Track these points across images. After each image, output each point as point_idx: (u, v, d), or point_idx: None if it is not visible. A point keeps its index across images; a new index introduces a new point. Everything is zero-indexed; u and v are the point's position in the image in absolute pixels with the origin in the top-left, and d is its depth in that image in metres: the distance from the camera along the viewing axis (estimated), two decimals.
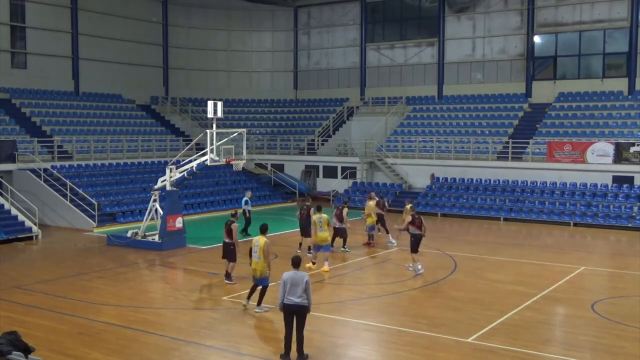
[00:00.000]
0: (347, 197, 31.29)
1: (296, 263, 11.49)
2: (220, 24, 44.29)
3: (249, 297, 14.66)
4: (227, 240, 17.35)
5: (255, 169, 37.93)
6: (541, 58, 37.78)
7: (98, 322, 13.70)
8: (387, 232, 23.58)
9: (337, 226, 21.40)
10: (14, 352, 8.36)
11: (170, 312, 14.81)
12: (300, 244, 21.54)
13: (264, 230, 14.79)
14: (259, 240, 14.36)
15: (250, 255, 14.56)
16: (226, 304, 15.29)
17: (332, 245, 21.37)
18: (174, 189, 22.98)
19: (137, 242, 22.37)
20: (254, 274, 14.42)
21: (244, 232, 24.59)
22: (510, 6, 37.73)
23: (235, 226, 17.44)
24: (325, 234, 19.01)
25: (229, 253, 17.25)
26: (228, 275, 17.30)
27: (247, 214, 24.98)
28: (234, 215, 17.96)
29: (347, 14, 43.03)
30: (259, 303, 14.40)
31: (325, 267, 18.62)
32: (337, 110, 41.60)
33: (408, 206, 20.84)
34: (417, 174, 34.44)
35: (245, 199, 25.29)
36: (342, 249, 21.81)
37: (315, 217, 19.22)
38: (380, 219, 23.62)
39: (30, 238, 24.11)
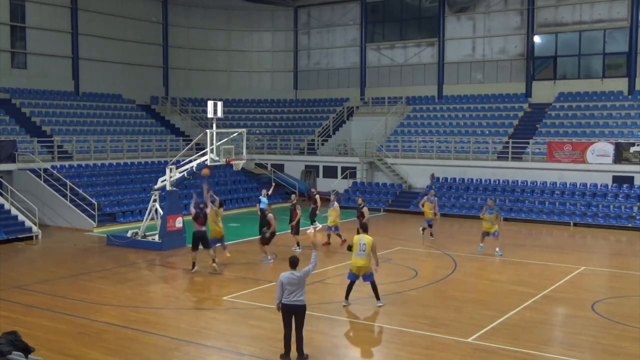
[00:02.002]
0: (363, 196, 30.54)
1: (293, 263, 11.49)
2: (220, 24, 44.29)
3: (347, 297, 14.85)
4: (203, 229, 18.38)
5: (255, 169, 37.92)
6: (541, 58, 37.79)
7: (98, 322, 13.70)
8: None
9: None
10: (14, 352, 8.35)
11: (170, 312, 14.80)
12: (298, 243, 21.66)
13: (366, 228, 15.19)
14: (364, 238, 14.61)
15: (349, 250, 15.13)
16: (226, 304, 15.30)
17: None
18: (174, 189, 22.98)
19: (137, 242, 22.36)
20: (357, 272, 14.57)
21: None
22: (510, 6, 37.74)
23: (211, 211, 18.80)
24: (222, 228, 19.42)
25: (206, 240, 18.36)
26: (213, 261, 18.43)
27: (260, 213, 24.94)
28: (203, 208, 18.81)
29: (347, 14, 43.03)
30: (378, 297, 14.83)
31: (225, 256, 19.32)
32: (337, 110, 41.60)
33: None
34: (417, 174, 34.45)
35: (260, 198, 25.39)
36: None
37: (213, 210, 19.45)
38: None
39: (30, 238, 24.11)
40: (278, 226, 21.63)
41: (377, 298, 14.82)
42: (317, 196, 25.89)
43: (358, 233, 15.44)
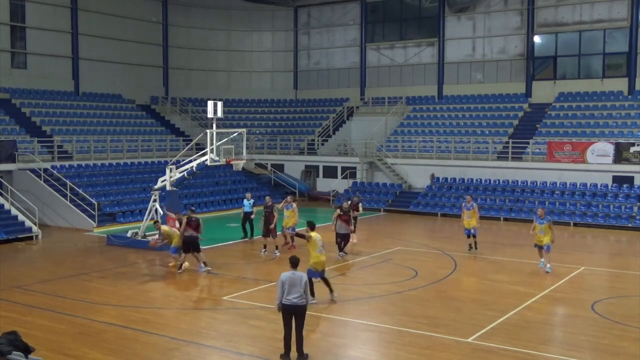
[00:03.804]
0: (351, 198, 30.12)
1: (294, 263, 11.48)
2: (220, 24, 44.29)
3: (313, 294, 14.83)
4: (195, 234, 18.50)
5: (255, 169, 37.93)
6: (541, 58, 37.80)
7: (98, 322, 13.71)
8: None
9: (342, 232, 20.63)
10: (14, 352, 8.35)
11: (170, 312, 14.81)
12: (265, 246, 21.40)
13: (313, 226, 15.50)
14: (319, 235, 15.01)
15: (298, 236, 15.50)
16: (226, 304, 15.30)
17: (343, 251, 20.87)
18: (174, 189, 22.96)
19: (137, 242, 22.35)
20: (322, 267, 14.93)
21: (250, 234, 24.10)
22: (510, 6, 37.74)
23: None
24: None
25: (197, 245, 18.52)
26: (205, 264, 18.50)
27: (243, 216, 24.17)
28: (192, 210, 19.32)
29: (347, 14, 43.03)
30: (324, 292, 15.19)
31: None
32: (337, 110, 41.60)
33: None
34: (417, 174, 34.45)
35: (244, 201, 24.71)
36: (343, 253, 21.02)
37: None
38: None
39: (30, 238, 24.11)
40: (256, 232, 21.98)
41: (319, 295, 14.97)
42: (360, 204, 23.61)
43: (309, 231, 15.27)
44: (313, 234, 15.01)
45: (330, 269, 19.09)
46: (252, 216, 23.85)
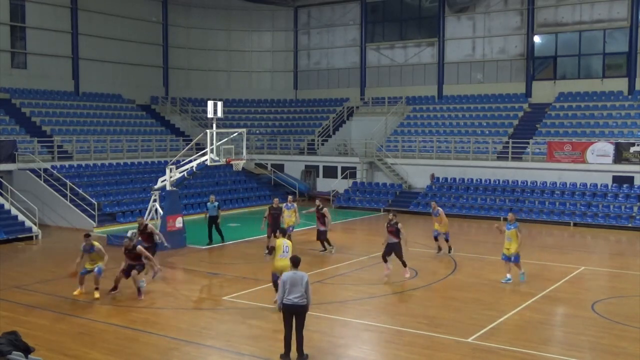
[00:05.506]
0: (321, 198, 29.61)
1: (295, 263, 11.49)
2: (220, 24, 44.29)
3: None
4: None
5: (255, 169, 37.93)
6: (541, 58, 37.80)
7: (98, 322, 13.71)
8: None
9: (321, 229, 21.16)
10: (14, 352, 8.35)
11: (170, 312, 14.81)
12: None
13: (284, 233, 15.29)
14: (287, 241, 14.58)
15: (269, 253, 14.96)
16: (226, 304, 15.30)
17: (325, 248, 21.20)
18: (174, 189, 22.96)
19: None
20: (282, 271, 13.77)
21: (221, 238, 23.20)
22: (510, 6, 37.74)
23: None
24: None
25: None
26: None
27: (206, 220, 23.11)
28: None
29: (347, 14, 43.03)
30: None
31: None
32: (337, 110, 41.60)
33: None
34: (417, 174, 34.46)
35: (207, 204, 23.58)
36: (328, 250, 21.34)
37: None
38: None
39: (30, 238, 24.11)
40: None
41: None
42: (400, 226, 18.26)
43: (276, 237, 15.34)
44: (278, 240, 14.65)
45: (330, 268, 19.15)
46: (219, 220, 22.95)
